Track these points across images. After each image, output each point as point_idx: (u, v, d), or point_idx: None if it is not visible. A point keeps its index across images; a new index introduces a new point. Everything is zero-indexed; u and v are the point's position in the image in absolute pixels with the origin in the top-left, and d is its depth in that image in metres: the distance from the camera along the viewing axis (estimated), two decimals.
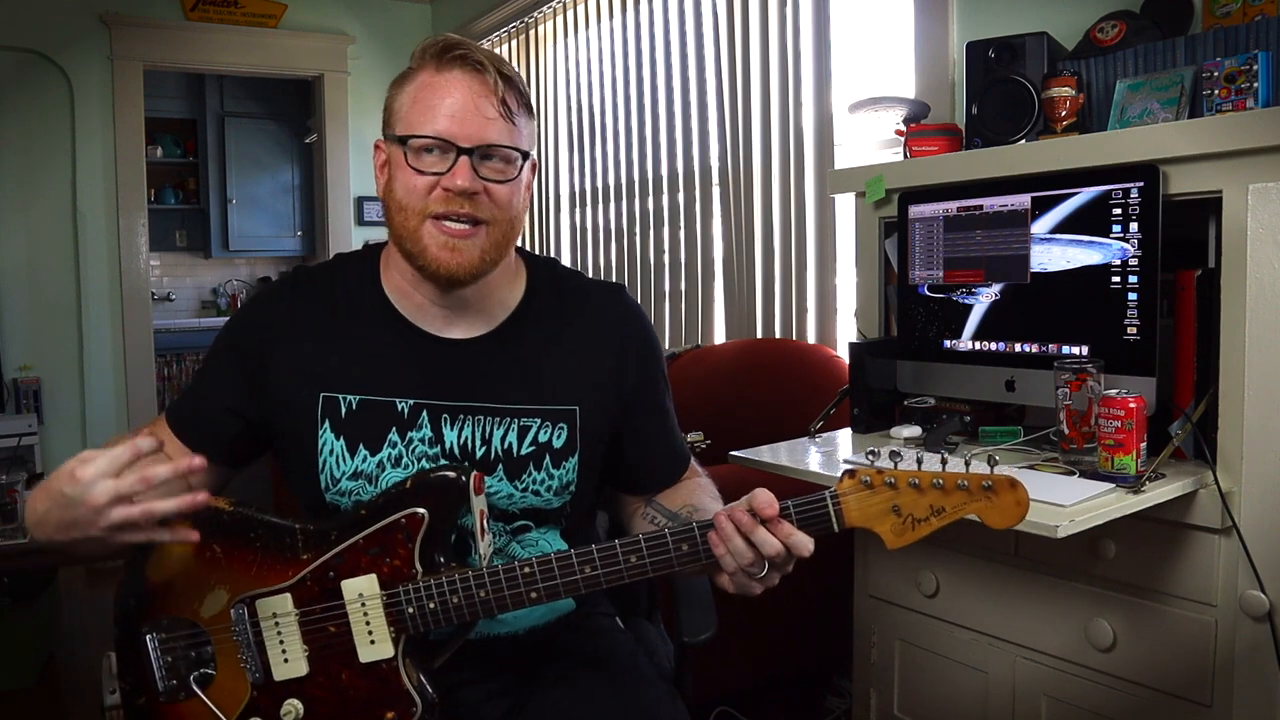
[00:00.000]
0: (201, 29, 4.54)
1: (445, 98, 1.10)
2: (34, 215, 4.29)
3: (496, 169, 1.12)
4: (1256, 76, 1.46)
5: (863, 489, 1.00)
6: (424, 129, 1.09)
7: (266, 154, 6.31)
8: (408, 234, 1.12)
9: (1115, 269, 1.51)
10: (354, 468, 1.16)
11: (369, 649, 1.08)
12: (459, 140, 1.09)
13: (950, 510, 0.98)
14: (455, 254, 1.11)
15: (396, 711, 1.07)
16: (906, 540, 1.00)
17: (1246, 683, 1.37)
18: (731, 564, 1.01)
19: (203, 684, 1.11)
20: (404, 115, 1.12)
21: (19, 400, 4.22)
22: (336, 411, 1.16)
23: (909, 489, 0.99)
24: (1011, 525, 0.98)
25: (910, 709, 1.85)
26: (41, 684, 2.84)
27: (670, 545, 1.03)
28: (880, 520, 1.00)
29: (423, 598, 1.06)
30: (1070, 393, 1.48)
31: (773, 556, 1.00)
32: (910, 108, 2.08)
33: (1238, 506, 1.37)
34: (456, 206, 1.10)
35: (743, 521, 1.00)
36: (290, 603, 1.10)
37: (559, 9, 3.89)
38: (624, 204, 3.59)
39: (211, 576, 1.12)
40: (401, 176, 1.12)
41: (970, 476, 0.98)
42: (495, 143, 1.11)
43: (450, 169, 1.09)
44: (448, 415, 1.17)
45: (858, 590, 1.93)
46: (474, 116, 1.09)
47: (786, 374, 2.49)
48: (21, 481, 2.60)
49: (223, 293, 6.52)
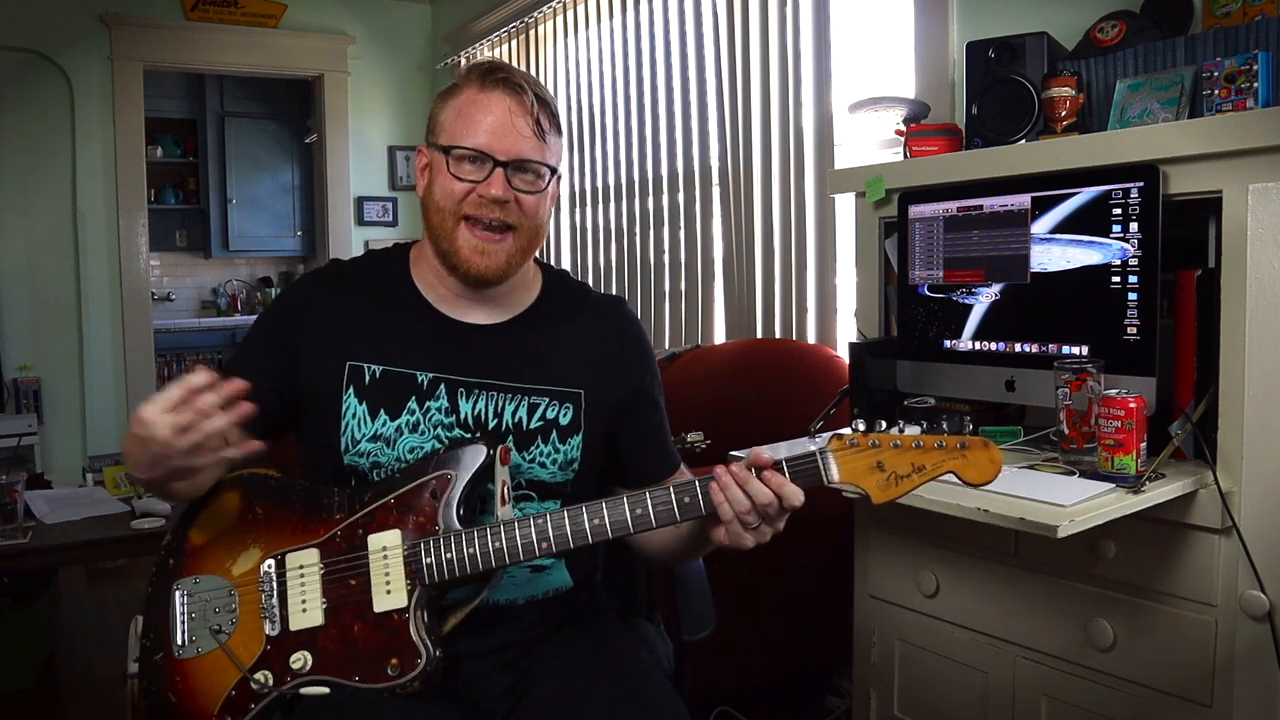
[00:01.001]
0: (201, 29, 4.55)
1: (487, 114, 1.22)
2: (34, 215, 4.29)
3: (527, 181, 1.24)
4: (1256, 76, 1.46)
5: (849, 448, 1.10)
6: (465, 141, 1.22)
7: (266, 154, 6.32)
8: (444, 233, 1.24)
9: (1115, 269, 1.51)
10: (373, 430, 1.24)
11: (384, 599, 1.15)
12: (496, 153, 1.21)
13: (930, 467, 1.08)
14: (485, 257, 1.23)
15: (401, 661, 1.13)
16: (891, 495, 1.08)
17: (1246, 683, 1.37)
18: (728, 512, 1.09)
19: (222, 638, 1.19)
20: (448, 126, 1.24)
21: (19, 400, 4.22)
22: (361, 379, 1.25)
23: (891, 449, 1.09)
24: (987, 480, 1.07)
25: (910, 709, 1.85)
26: (41, 684, 2.84)
27: (673, 498, 1.12)
28: (866, 476, 1.09)
29: (441, 549, 1.15)
30: (1070, 393, 1.48)
31: (765, 505, 1.08)
32: (910, 108, 2.08)
33: (1238, 506, 1.37)
34: (488, 212, 1.22)
35: (739, 473, 1.09)
36: (317, 556, 1.18)
37: (559, 9, 3.89)
38: (624, 204, 3.59)
39: (250, 537, 1.21)
40: (441, 181, 1.24)
41: (947, 438, 1.08)
42: (528, 158, 1.23)
43: (486, 178, 1.21)
44: (463, 389, 1.26)
45: (858, 590, 1.93)
46: (511, 133, 1.22)
47: (786, 374, 2.49)
48: (21, 481, 2.60)
49: (223, 293, 6.52)
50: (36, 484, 3.02)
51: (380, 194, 5.00)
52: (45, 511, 2.62)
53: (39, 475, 3.40)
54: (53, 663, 3.00)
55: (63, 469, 4.14)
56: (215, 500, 1.24)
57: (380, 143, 4.98)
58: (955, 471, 1.07)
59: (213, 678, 1.18)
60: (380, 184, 5.00)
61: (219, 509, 1.23)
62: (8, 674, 2.77)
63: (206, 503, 1.24)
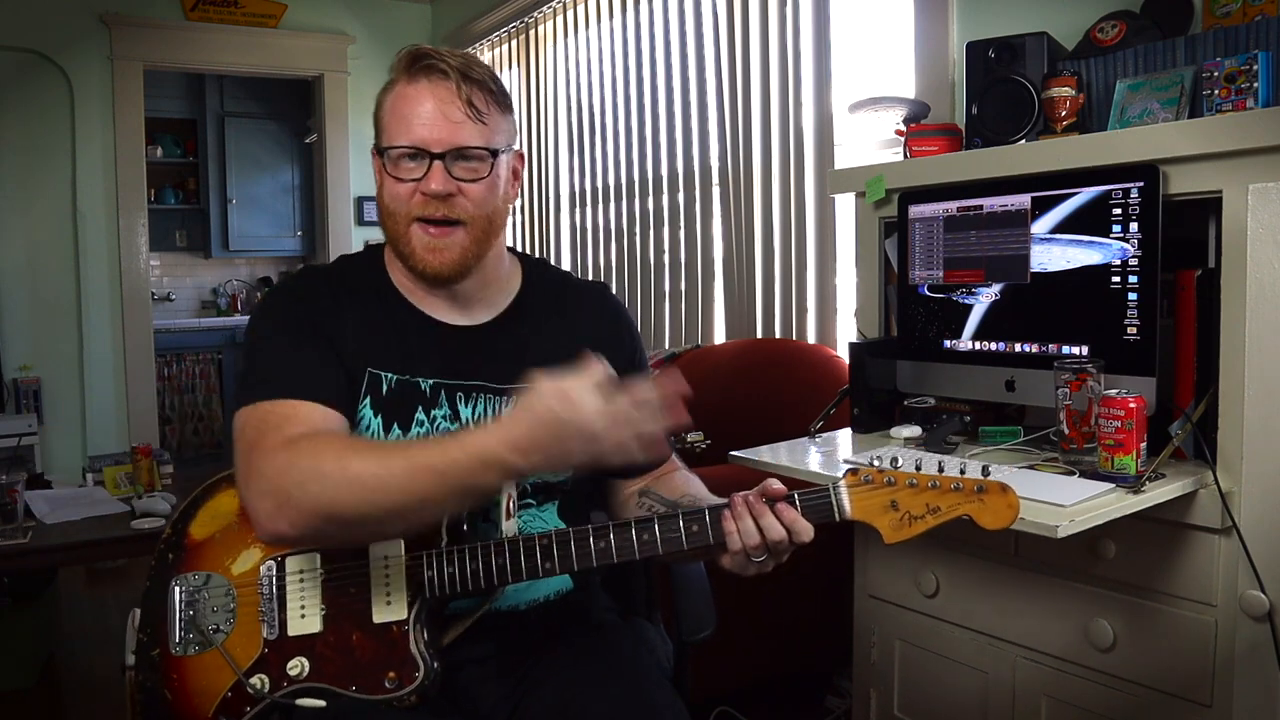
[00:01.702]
0: (201, 29, 4.55)
1: (416, 107, 1.18)
2: (34, 215, 4.29)
3: (470, 169, 1.19)
4: (1256, 76, 1.46)
5: (864, 485, 1.07)
6: (399, 139, 1.18)
7: (266, 154, 6.31)
8: (398, 237, 1.21)
9: (1115, 269, 1.51)
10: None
11: (384, 609, 1.13)
12: (430, 146, 1.17)
13: (945, 509, 1.05)
14: (437, 254, 1.20)
15: (399, 674, 1.12)
16: (903, 535, 1.06)
17: (1246, 683, 1.37)
18: (737, 543, 1.07)
19: (219, 638, 1.17)
20: (384, 127, 1.21)
21: (19, 400, 4.22)
22: (378, 389, 1.22)
23: (907, 488, 1.06)
24: (1002, 526, 1.04)
25: (910, 709, 1.85)
26: (41, 684, 2.84)
27: (681, 525, 1.10)
28: (879, 515, 1.06)
29: (443, 563, 1.12)
30: (1070, 393, 1.48)
31: (776, 541, 1.07)
32: (910, 108, 2.08)
33: (1238, 506, 1.37)
34: (433, 210, 1.19)
35: (754, 504, 1.08)
36: (318, 560, 1.16)
37: (559, 9, 3.89)
38: (624, 204, 3.59)
39: (250, 536, 1.18)
40: (387, 185, 1.21)
41: (964, 480, 1.05)
42: (465, 144, 1.18)
43: (426, 174, 1.17)
44: (462, 394, 1.25)
45: (858, 590, 1.93)
46: (442, 122, 1.17)
47: (786, 374, 2.49)
48: (21, 481, 2.59)
49: (223, 293, 6.52)
50: (36, 484, 3.02)
51: None
52: (45, 511, 2.62)
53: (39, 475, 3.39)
54: (53, 663, 3.00)
55: (63, 469, 4.14)
56: (216, 496, 1.22)
57: None
58: (971, 515, 1.04)
59: (209, 677, 1.16)
60: None
61: (220, 505, 1.22)
62: (8, 674, 2.77)
63: (207, 498, 1.22)
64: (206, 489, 1.23)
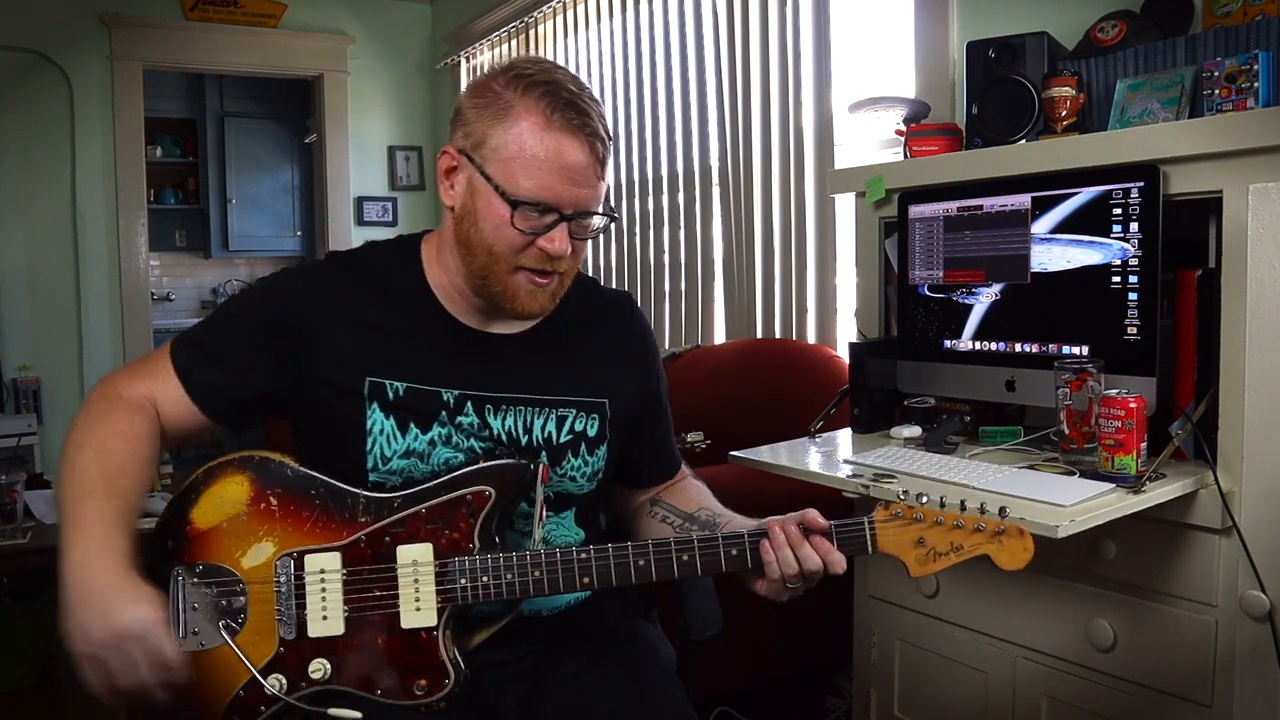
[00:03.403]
0: (201, 29, 4.54)
1: (559, 160, 1.09)
2: (34, 215, 4.29)
3: (585, 227, 1.16)
4: (1257, 76, 1.46)
5: (895, 520, 1.12)
6: (534, 193, 1.10)
7: (266, 154, 6.31)
8: (494, 278, 1.15)
9: (1115, 269, 1.51)
10: (405, 446, 1.17)
11: (413, 615, 1.12)
12: (564, 207, 1.11)
13: (968, 549, 1.11)
14: (535, 299, 1.17)
15: (429, 681, 1.11)
16: (928, 570, 1.12)
17: (1247, 683, 1.37)
18: (776, 572, 1.10)
19: (230, 634, 1.13)
20: (506, 159, 1.10)
21: (19, 400, 4.22)
22: (384, 394, 1.18)
23: (934, 525, 1.12)
24: (1018, 568, 1.10)
25: (910, 709, 1.85)
26: (41, 684, 2.84)
27: (721, 548, 1.12)
28: (907, 550, 1.12)
29: (477, 571, 1.12)
30: (1070, 393, 1.48)
31: (813, 572, 1.10)
32: (910, 108, 2.07)
33: (1238, 506, 1.37)
34: (547, 264, 1.14)
35: (793, 535, 1.10)
36: (339, 561, 1.13)
37: (559, 9, 3.88)
38: (624, 204, 3.58)
39: (261, 528, 1.15)
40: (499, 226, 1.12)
41: (987, 521, 1.11)
42: (592, 208, 1.14)
43: (548, 230, 1.12)
44: (490, 406, 1.21)
45: (858, 590, 1.93)
46: (580, 184, 1.11)
47: (786, 374, 2.48)
48: (21, 482, 2.59)
49: (222, 293, 6.51)
50: (36, 484, 3.02)
51: (380, 194, 5.00)
52: (45, 511, 2.62)
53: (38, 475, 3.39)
54: (53, 663, 3.00)
55: None
56: (221, 482, 1.17)
57: (380, 143, 4.97)
58: (990, 555, 1.11)
59: (219, 674, 1.12)
60: (380, 184, 4.99)
61: (225, 492, 1.16)
62: (8, 674, 2.77)
63: (210, 483, 1.17)
64: (208, 473, 1.18)
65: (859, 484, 1.49)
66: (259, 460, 1.17)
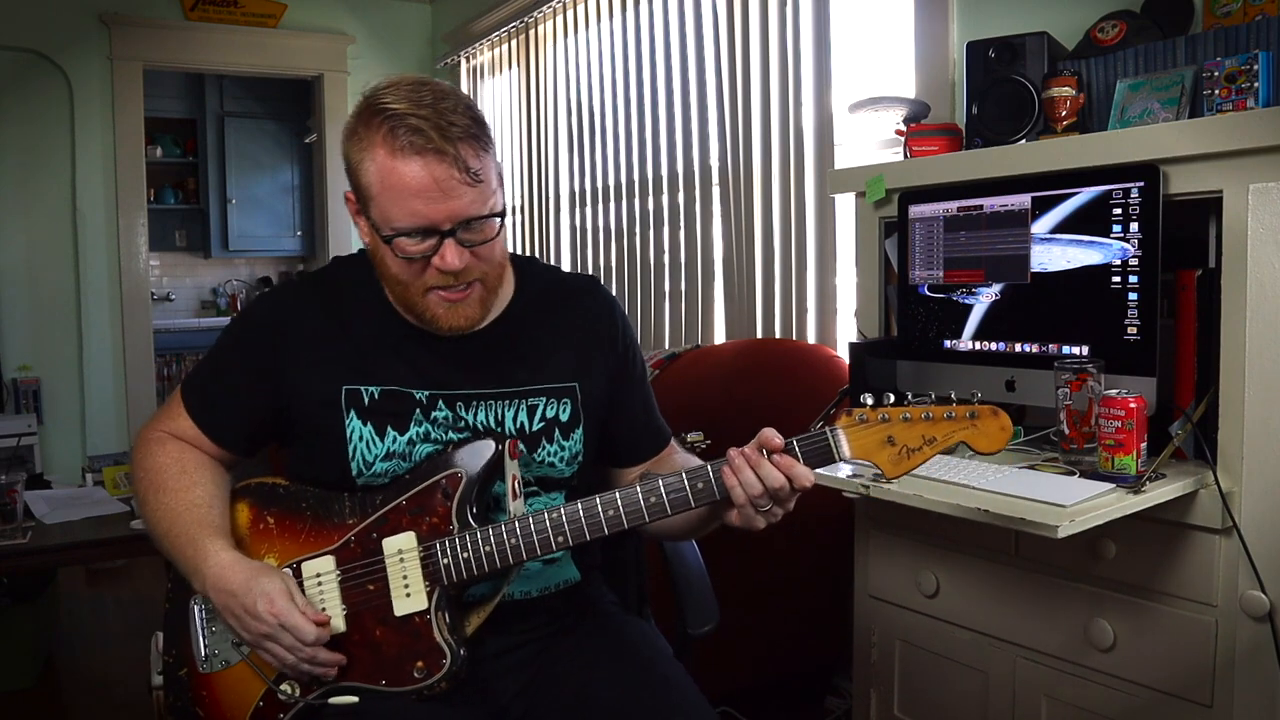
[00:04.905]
0: (201, 29, 4.54)
1: (411, 184, 1.10)
2: (34, 215, 4.29)
3: (478, 234, 1.15)
4: (1257, 76, 1.46)
5: (859, 425, 1.10)
6: (401, 222, 1.12)
7: (266, 154, 6.31)
8: (412, 302, 1.19)
9: (1115, 269, 1.51)
10: (385, 449, 1.21)
11: (404, 602, 1.15)
12: (439, 225, 1.12)
13: (941, 438, 1.07)
14: (456, 313, 1.19)
15: (426, 663, 1.14)
16: (904, 468, 1.09)
17: (1247, 683, 1.37)
18: (741, 495, 1.10)
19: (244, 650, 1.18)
20: (376, 198, 1.13)
21: (19, 400, 4.22)
22: (360, 400, 1.22)
23: (901, 423, 1.09)
24: (998, 449, 1.07)
25: (910, 709, 1.85)
26: (41, 684, 2.84)
27: (686, 484, 1.11)
28: (877, 451, 1.09)
29: (457, 549, 1.15)
30: (1070, 393, 1.48)
31: (777, 489, 1.09)
32: (910, 108, 2.08)
33: (1238, 506, 1.37)
34: (450, 279, 1.16)
35: (751, 456, 1.09)
36: (333, 563, 1.18)
37: (559, 9, 3.88)
38: (624, 204, 3.58)
39: (263, 547, 1.21)
40: (391, 260, 1.16)
41: (957, 408, 1.08)
42: (471, 216, 1.13)
43: (437, 250, 1.13)
44: (462, 402, 1.24)
45: (858, 590, 1.93)
46: (443, 199, 1.10)
47: (786, 374, 2.48)
48: (21, 481, 2.59)
49: (222, 293, 6.52)
50: (36, 484, 3.02)
51: None
52: (45, 511, 2.62)
53: (38, 475, 3.39)
54: (53, 663, 3.00)
55: (62, 469, 4.14)
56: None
57: None
58: (966, 441, 1.07)
59: (239, 690, 1.18)
60: None
61: (230, 521, 1.23)
62: (8, 674, 2.77)
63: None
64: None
65: (859, 484, 1.49)
66: (254, 486, 1.25)
